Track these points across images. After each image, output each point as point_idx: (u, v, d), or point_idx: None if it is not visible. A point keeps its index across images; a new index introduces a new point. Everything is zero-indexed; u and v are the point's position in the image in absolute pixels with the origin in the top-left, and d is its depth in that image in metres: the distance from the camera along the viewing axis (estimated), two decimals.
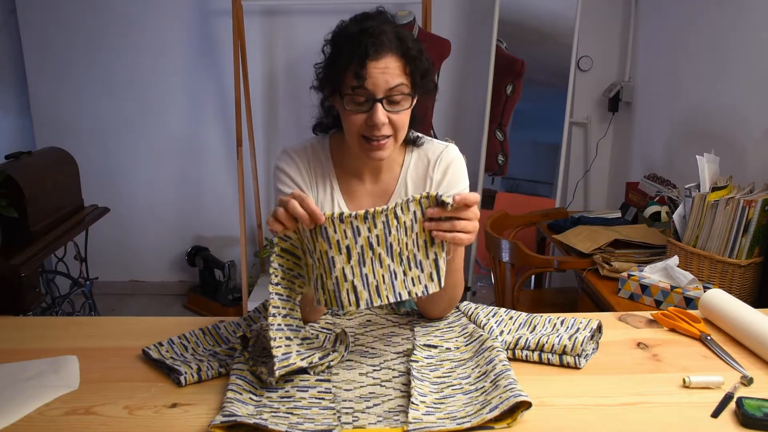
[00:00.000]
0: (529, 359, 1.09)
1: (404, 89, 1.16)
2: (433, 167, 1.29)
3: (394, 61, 1.14)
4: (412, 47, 1.17)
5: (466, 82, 3.31)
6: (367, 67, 1.12)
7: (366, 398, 0.98)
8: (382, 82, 1.13)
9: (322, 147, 1.32)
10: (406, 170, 1.30)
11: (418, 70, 1.18)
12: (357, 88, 1.13)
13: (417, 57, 1.17)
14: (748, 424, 0.89)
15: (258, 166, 3.43)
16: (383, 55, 1.13)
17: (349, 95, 1.15)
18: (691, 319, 1.22)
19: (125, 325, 1.25)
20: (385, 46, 1.13)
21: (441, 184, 1.29)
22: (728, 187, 1.86)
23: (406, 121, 1.19)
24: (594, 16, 3.17)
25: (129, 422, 0.91)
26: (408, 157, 1.31)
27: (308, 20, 3.26)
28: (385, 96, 1.14)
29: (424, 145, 1.32)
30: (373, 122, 1.14)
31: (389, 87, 1.14)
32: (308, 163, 1.31)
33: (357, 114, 1.16)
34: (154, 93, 3.42)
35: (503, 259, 2.18)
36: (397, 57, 1.15)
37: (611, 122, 3.32)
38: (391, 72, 1.14)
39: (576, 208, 3.35)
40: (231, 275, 3.40)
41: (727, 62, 2.28)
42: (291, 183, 1.29)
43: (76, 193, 2.65)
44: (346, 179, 1.31)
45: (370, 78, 1.12)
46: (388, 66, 1.13)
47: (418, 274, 1.04)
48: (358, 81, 1.12)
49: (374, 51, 1.12)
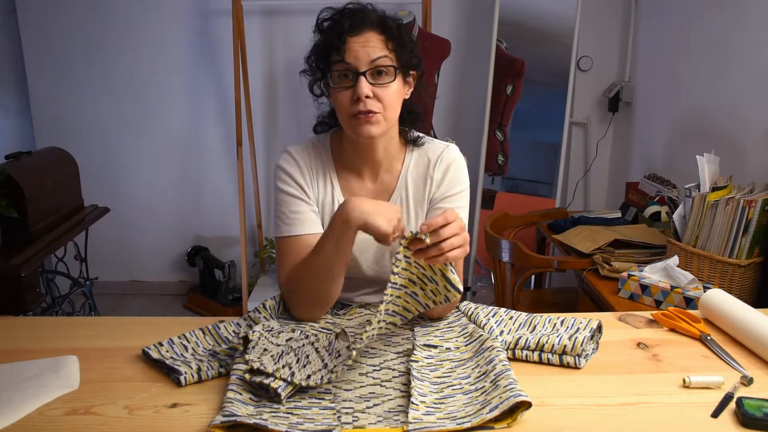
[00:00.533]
0: (529, 359, 1.09)
1: (387, 61, 1.17)
2: (434, 167, 1.29)
3: (374, 35, 1.17)
4: (391, 23, 1.19)
5: (466, 82, 3.31)
6: (348, 42, 1.15)
7: (366, 398, 0.98)
8: (363, 55, 1.15)
9: (323, 145, 1.33)
10: (407, 170, 1.31)
11: (401, 44, 1.19)
12: (339, 62, 1.16)
13: (396, 30, 1.19)
14: (748, 424, 0.89)
15: (258, 166, 3.43)
16: (363, 30, 1.16)
17: (334, 73, 1.17)
18: (691, 319, 1.22)
19: (125, 325, 1.25)
20: (365, 22, 1.17)
21: (441, 184, 1.29)
22: (728, 187, 1.86)
23: (393, 97, 1.20)
24: (594, 16, 3.17)
25: (129, 422, 0.91)
26: (408, 156, 1.31)
27: (308, 20, 3.20)
28: (368, 68, 1.16)
29: (425, 145, 1.33)
30: (357, 95, 1.15)
31: (371, 59, 1.15)
32: (309, 161, 1.31)
33: (343, 91, 1.17)
34: (154, 93, 3.42)
35: (503, 259, 2.18)
36: (378, 32, 1.17)
37: (611, 122, 3.32)
38: (372, 45, 1.16)
39: (576, 208, 3.35)
40: (231, 275, 3.40)
41: (727, 62, 2.28)
42: (291, 182, 1.29)
43: (76, 193, 2.65)
44: (347, 177, 1.31)
45: (350, 51, 1.15)
46: (368, 40, 1.16)
47: (434, 288, 1.10)
48: (339, 55, 1.15)
49: (352, 25, 1.16)
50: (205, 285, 3.47)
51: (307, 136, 1.37)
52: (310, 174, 1.30)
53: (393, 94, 1.19)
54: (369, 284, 1.37)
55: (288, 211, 1.27)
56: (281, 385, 0.95)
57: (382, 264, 1.33)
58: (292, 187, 1.28)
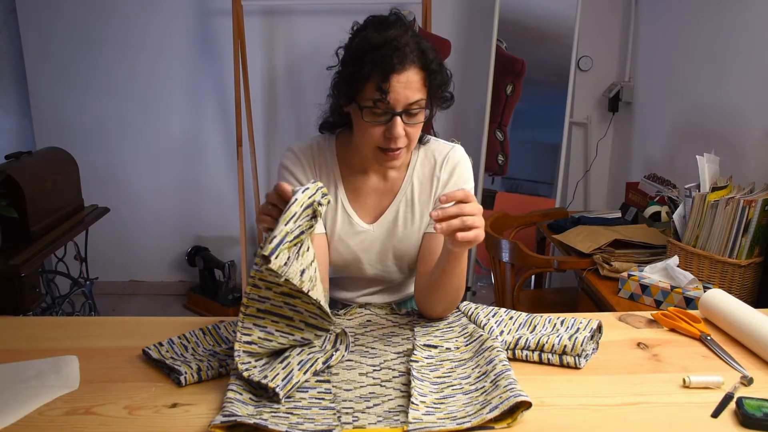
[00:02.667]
0: (529, 359, 1.09)
1: (422, 103, 1.16)
2: (440, 167, 1.30)
3: (415, 74, 1.13)
4: (433, 60, 1.16)
5: (466, 82, 3.31)
6: (390, 81, 1.11)
7: (366, 398, 0.98)
8: (402, 97, 1.12)
9: (327, 145, 1.32)
10: (413, 169, 1.31)
11: (436, 82, 1.18)
12: (378, 101, 1.12)
13: (437, 70, 1.17)
14: (748, 424, 0.89)
15: (258, 166, 3.42)
16: (406, 69, 1.12)
17: (368, 108, 1.14)
18: (691, 319, 1.22)
19: (125, 325, 1.25)
20: (408, 58, 1.12)
21: (447, 184, 1.30)
22: (728, 187, 1.86)
23: (419, 132, 1.20)
24: (594, 16, 3.17)
25: (129, 422, 0.91)
26: (414, 156, 1.32)
27: (308, 20, 3.26)
28: (404, 110, 1.14)
29: (430, 144, 1.33)
30: (391, 135, 1.14)
31: (409, 102, 1.13)
32: (313, 161, 1.30)
33: (375, 126, 1.15)
34: (154, 93, 3.42)
35: (503, 259, 2.18)
36: (419, 70, 1.14)
37: (611, 122, 3.32)
38: (413, 86, 1.13)
39: (576, 208, 3.35)
40: (231, 275, 3.40)
41: (727, 62, 2.28)
42: (294, 181, 1.29)
43: (76, 193, 2.65)
44: (351, 178, 1.31)
45: (393, 92, 1.11)
46: (410, 80, 1.13)
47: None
48: (380, 94, 1.11)
49: (398, 64, 1.11)
50: (205, 285, 3.47)
51: (308, 136, 1.37)
52: (313, 173, 1.30)
53: (419, 129, 1.19)
54: (371, 284, 1.38)
55: None
56: (279, 384, 0.95)
57: (385, 264, 1.33)
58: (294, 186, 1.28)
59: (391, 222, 1.31)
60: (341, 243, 1.30)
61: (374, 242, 1.31)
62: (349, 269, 1.34)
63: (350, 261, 1.32)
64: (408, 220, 1.31)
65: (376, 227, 1.31)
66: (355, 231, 1.30)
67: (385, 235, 1.31)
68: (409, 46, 1.13)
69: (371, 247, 1.31)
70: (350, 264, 1.32)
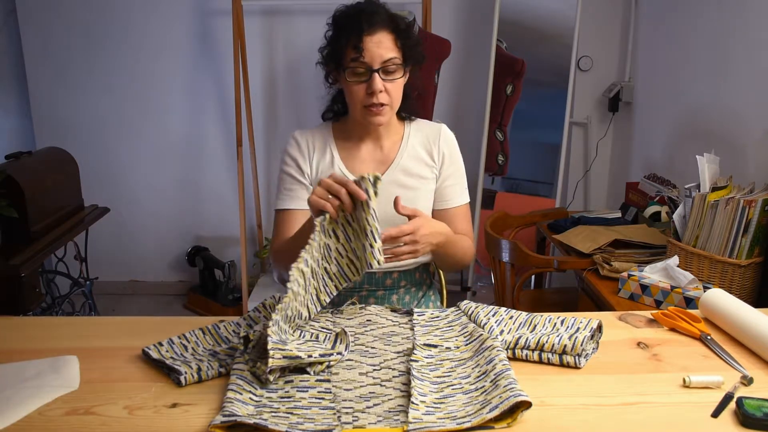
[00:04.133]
0: (529, 359, 1.09)
1: (397, 61, 1.34)
2: (437, 138, 1.48)
3: (386, 35, 1.33)
4: (400, 23, 1.36)
5: (466, 82, 3.31)
6: (364, 41, 1.30)
7: (366, 398, 0.98)
8: (377, 55, 1.31)
9: (325, 126, 1.49)
10: (407, 140, 1.48)
11: (408, 42, 1.36)
12: (355, 59, 1.31)
13: (405, 30, 1.36)
14: (748, 424, 0.89)
15: (258, 166, 3.43)
16: (377, 30, 1.31)
17: (350, 68, 1.32)
18: (691, 319, 1.22)
19: (125, 325, 1.25)
20: (378, 23, 1.32)
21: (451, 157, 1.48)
22: (728, 187, 1.86)
23: (400, 90, 1.38)
24: (594, 16, 3.17)
25: (129, 422, 0.91)
26: (407, 128, 1.50)
27: (308, 20, 3.26)
28: (381, 67, 1.32)
29: (419, 122, 1.52)
30: (371, 90, 1.32)
31: (384, 59, 1.32)
32: (311, 138, 1.47)
33: (358, 84, 1.33)
34: (154, 93, 3.42)
35: (503, 259, 2.18)
36: (389, 31, 1.33)
37: (611, 122, 3.32)
38: (384, 45, 1.32)
39: (576, 208, 3.35)
40: (231, 275, 3.40)
41: (727, 62, 2.28)
42: (291, 162, 1.46)
43: (76, 193, 2.65)
44: (346, 147, 1.47)
45: (367, 51, 1.31)
46: (381, 40, 1.32)
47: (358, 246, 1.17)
48: (356, 53, 1.30)
49: (368, 26, 1.30)
50: (205, 285, 3.47)
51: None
52: (309, 149, 1.46)
53: (399, 87, 1.37)
54: None
55: (284, 188, 1.46)
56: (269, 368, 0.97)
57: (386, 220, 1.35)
58: (290, 167, 1.46)
59: (387, 188, 1.38)
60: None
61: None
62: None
63: None
64: (405, 188, 1.44)
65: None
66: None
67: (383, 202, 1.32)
68: (379, 13, 1.34)
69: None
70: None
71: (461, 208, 1.51)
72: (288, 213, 1.44)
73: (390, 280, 1.49)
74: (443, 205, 1.49)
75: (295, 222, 1.40)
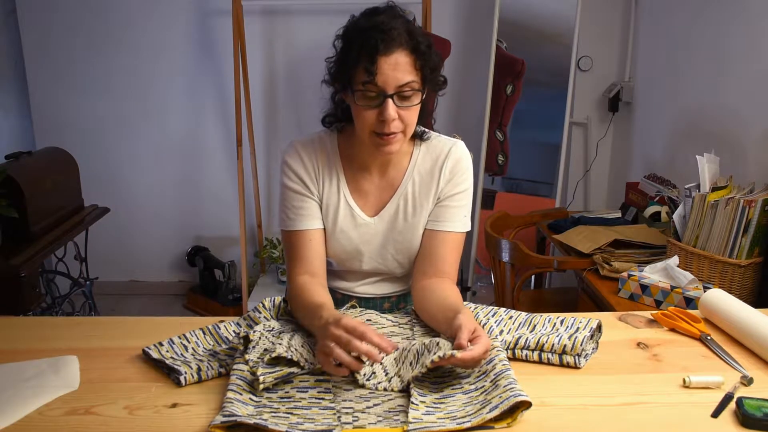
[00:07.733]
0: (529, 359, 1.09)
1: (414, 85, 1.15)
2: (443, 163, 1.30)
3: (404, 57, 1.14)
4: (421, 42, 1.16)
5: (466, 82, 3.31)
6: (378, 63, 1.12)
7: (366, 398, 0.98)
8: (392, 79, 1.13)
9: (330, 140, 1.33)
10: (414, 165, 1.32)
11: (428, 65, 1.17)
12: (367, 83, 1.13)
13: (426, 52, 1.17)
14: (748, 424, 0.89)
15: (258, 166, 3.42)
16: (393, 51, 1.12)
17: (360, 91, 1.15)
18: (691, 319, 1.22)
19: (125, 325, 1.25)
20: (396, 41, 1.13)
21: (450, 181, 1.31)
22: (728, 187, 1.86)
23: (415, 116, 1.20)
24: (594, 16, 3.17)
25: (129, 422, 0.91)
26: (416, 151, 1.32)
27: (308, 20, 3.26)
28: (395, 92, 1.14)
29: (432, 140, 1.33)
30: (383, 117, 1.14)
31: (399, 84, 1.13)
32: (315, 156, 1.31)
33: (368, 110, 1.16)
34: (154, 93, 3.42)
35: (503, 259, 2.18)
36: (407, 52, 1.14)
37: (611, 122, 3.32)
38: (402, 68, 1.13)
39: (576, 208, 3.35)
40: (231, 275, 3.40)
41: (727, 62, 2.28)
42: (295, 178, 1.30)
43: (76, 193, 2.65)
44: (353, 172, 1.32)
45: (381, 74, 1.12)
46: (399, 62, 1.13)
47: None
48: (368, 76, 1.12)
49: (384, 46, 1.12)
50: (205, 285, 3.47)
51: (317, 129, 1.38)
52: (315, 170, 1.30)
53: (415, 112, 1.19)
54: (370, 275, 1.39)
55: (291, 206, 1.30)
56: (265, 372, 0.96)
57: (385, 257, 1.34)
58: (295, 183, 1.30)
59: (392, 216, 1.32)
60: (343, 235, 1.31)
61: (375, 235, 1.32)
62: (349, 261, 1.35)
63: (351, 253, 1.33)
64: (409, 215, 1.31)
65: (378, 220, 1.32)
66: (357, 223, 1.31)
67: (387, 229, 1.32)
68: (397, 29, 1.13)
69: (372, 239, 1.32)
70: (351, 256, 1.34)
71: (454, 235, 1.30)
72: (302, 234, 1.29)
73: (388, 303, 1.41)
74: (435, 226, 1.30)
75: (313, 241, 1.28)
